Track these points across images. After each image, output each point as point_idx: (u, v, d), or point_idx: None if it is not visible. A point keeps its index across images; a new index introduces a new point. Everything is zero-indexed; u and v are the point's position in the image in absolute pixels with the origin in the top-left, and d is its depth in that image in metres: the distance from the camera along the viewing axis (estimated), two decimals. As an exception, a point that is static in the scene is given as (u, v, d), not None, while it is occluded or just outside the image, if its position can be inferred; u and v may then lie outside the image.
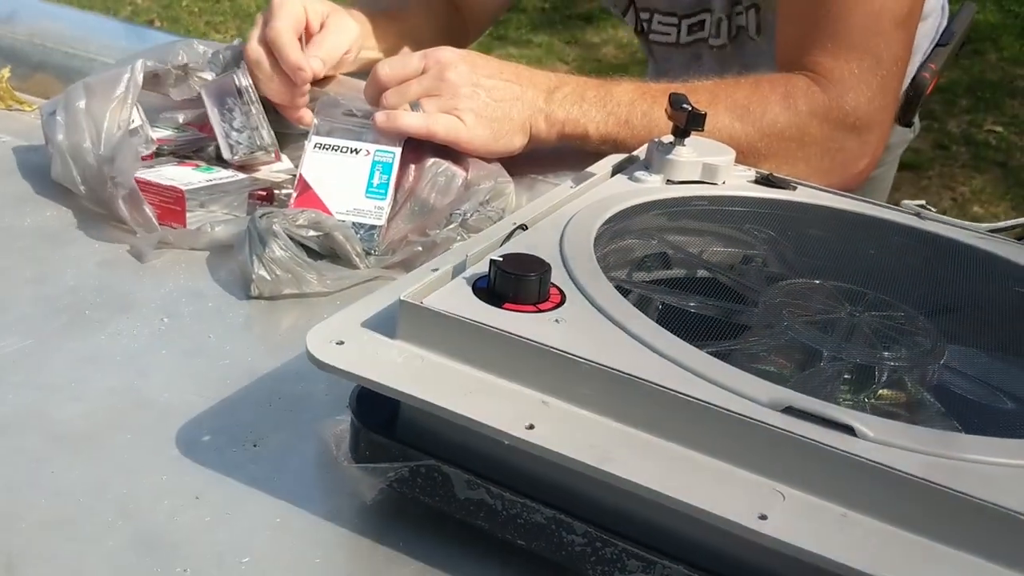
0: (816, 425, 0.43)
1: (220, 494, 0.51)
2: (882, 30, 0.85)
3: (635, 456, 0.43)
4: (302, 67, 0.85)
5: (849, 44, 0.85)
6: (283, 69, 0.85)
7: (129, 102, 0.75)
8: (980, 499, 0.40)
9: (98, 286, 0.69)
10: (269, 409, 0.58)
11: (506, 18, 4.25)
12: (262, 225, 0.67)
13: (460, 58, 0.82)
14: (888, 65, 0.85)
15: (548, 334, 0.47)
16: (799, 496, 0.42)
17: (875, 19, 0.85)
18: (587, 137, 0.84)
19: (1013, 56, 3.98)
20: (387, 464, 0.48)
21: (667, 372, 0.46)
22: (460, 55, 0.82)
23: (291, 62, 0.85)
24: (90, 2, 4.40)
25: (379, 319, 0.50)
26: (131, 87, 0.76)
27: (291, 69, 0.85)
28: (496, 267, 0.50)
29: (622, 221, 0.64)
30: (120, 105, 0.75)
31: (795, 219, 0.69)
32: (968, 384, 0.54)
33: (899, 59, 0.87)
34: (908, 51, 0.89)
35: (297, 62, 0.85)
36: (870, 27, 0.85)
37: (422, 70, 0.82)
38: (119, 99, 0.75)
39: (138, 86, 0.76)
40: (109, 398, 0.58)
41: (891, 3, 0.85)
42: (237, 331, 0.65)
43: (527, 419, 0.44)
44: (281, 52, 0.85)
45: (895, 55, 0.86)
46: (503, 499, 0.46)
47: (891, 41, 0.85)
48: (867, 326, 0.56)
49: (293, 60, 0.85)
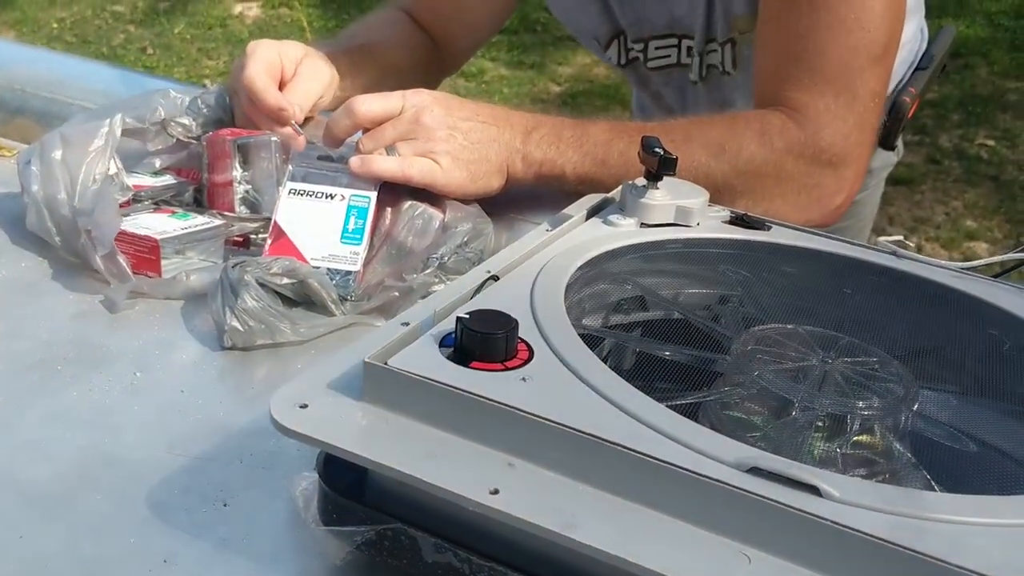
0: (781, 485, 0.43)
1: (189, 557, 0.51)
2: (859, 66, 0.85)
3: (600, 520, 0.43)
4: (283, 107, 0.86)
5: (826, 79, 0.85)
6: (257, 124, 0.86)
7: (107, 155, 0.75)
8: (945, 562, 0.39)
9: (72, 339, 0.68)
10: (240, 466, 0.57)
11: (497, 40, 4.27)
12: (234, 275, 0.67)
13: (435, 101, 0.82)
14: (865, 101, 0.86)
15: (513, 394, 0.47)
16: (765, 558, 0.42)
17: (852, 55, 0.85)
18: (564, 177, 0.84)
19: (1003, 70, 3.99)
20: (354, 527, 0.48)
21: (632, 432, 0.45)
22: (435, 98, 0.82)
23: (270, 105, 0.86)
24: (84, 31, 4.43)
25: (345, 379, 0.50)
26: (109, 141, 0.76)
27: (272, 112, 0.86)
28: (462, 325, 0.50)
29: (596, 267, 0.64)
30: (97, 158, 0.75)
31: (770, 260, 0.69)
32: (941, 431, 0.54)
33: (876, 94, 0.87)
34: (885, 87, 0.89)
35: (277, 103, 0.86)
36: (848, 63, 0.85)
37: (400, 111, 0.82)
38: (96, 152, 0.75)
39: (116, 140, 0.76)
40: (79, 457, 0.57)
41: (868, 39, 0.85)
42: (210, 384, 0.65)
43: (491, 483, 0.44)
44: (258, 97, 0.86)
45: (872, 90, 0.86)
46: (470, 563, 0.46)
47: (868, 77, 0.86)
48: (839, 373, 0.56)
49: (272, 103, 0.86)
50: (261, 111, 0.87)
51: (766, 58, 0.90)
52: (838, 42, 0.85)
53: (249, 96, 0.87)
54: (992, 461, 0.53)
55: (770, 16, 0.89)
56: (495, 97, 3.91)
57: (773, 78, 0.88)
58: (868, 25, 0.84)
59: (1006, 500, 0.44)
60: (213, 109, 0.89)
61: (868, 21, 0.84)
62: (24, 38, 4.28)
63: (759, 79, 0.91)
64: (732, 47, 1.01)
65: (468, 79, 4.07)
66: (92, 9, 4.64)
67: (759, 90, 0.91)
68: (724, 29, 1.02)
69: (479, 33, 1.21)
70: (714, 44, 1.02)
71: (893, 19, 0.87)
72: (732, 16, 1.00)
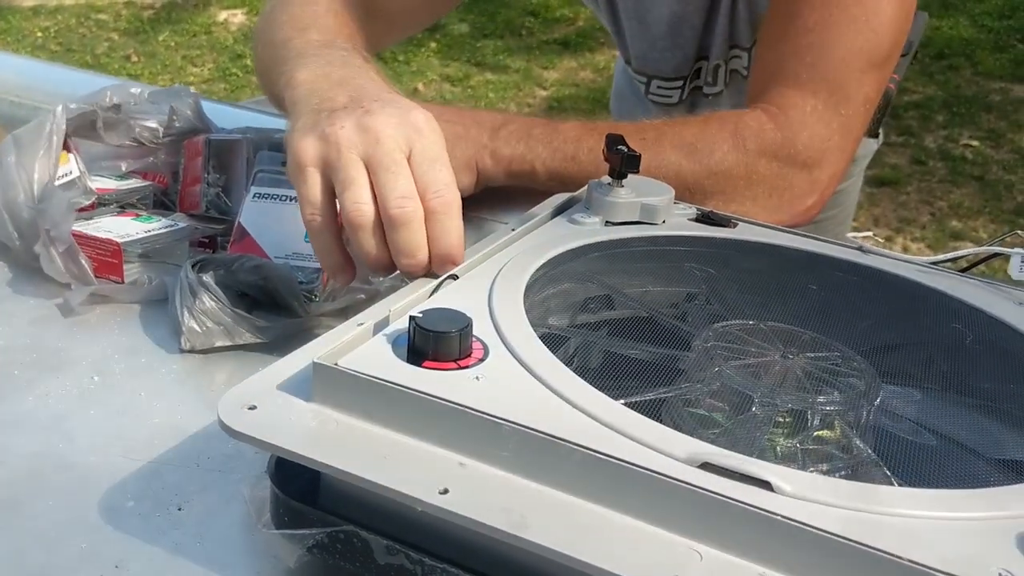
0: (733, 481, 0.42)
1: (140, 562, 0.50)
2: (859, 68, 0.84)
3: (550, 518, 0.42)
4: (456, 260, 0.60)
5: (824, 77, 0.84)
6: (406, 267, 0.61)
7: (54, 148, 0.74)
8: (897, 556, 0.39)
9: (29, 344, 0.67)
10: (196, 470, 0.57)
11: (482, 44, 4.27)
12: (193, 276, 0.66)
13: None
14: (856, 105, 0.84)
15: (465, 393, 0.46)
16: (717, 555, 0.41)
17: (856, 56, 0.83)
18: (535, 174, 0.84)
19: (987, 70, 4.01)
20: (306, 531, 0.47)
21: (583, 429, 0.45)
22: None
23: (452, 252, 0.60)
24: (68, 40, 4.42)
25: (296, 381, 0.49)
26: (55, 132, 0.75)
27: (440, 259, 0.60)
28: (415, 324, 0.49)
29: (558, 266, 0.64)
30: (47, 153, 0.74)
31: (735, 257, 0.68)
32: (901, 426, 0.53)
33: (869, 100, 0.86)
34: (878, 95, 0.87)
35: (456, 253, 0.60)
36: (849, 63, 0.84)
37: None
38: (44, 147, 0.74)
39: (62, 131, 0.75)
40: (31, 463, 0.56)
41: (874, 43, 0.83)
42: (169, 388, 0.64)
43: (442, 483, 0.43)
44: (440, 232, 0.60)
45: (865, 96, 0.85)
46: (423, 564, 0.45)
47: (865, 81, 0.84)
48: (801, 369, 0.55)
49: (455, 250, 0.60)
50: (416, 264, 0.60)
51: (769, 50, 0.89)
52: (844, 41, 0.83)
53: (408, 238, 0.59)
54: (954, 456, 0.53)
55: (781, 8, 0.87)
56: (481, 102, 3.91)
57: (770, 71, 0.87)
58: (878, 28, 0.83)
59: (960, 494, 0.43)
60: (189, 120, 0.87)
61: (878, 24, 0.83)
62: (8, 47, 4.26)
63: (757, 71, 0.90)
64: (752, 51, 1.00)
65: (454, 84, 4.07)
66: (76, 18, 4.63)
67: (753, 83, 0.90)
68: (749, 34, 1.01)
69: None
70: (737, 50, 1.01)
71: (900, 27, 0.85)
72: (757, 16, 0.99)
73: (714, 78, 1.06)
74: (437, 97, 3.93)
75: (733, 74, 1.05)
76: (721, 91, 1.06)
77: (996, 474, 0.50)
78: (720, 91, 1.06)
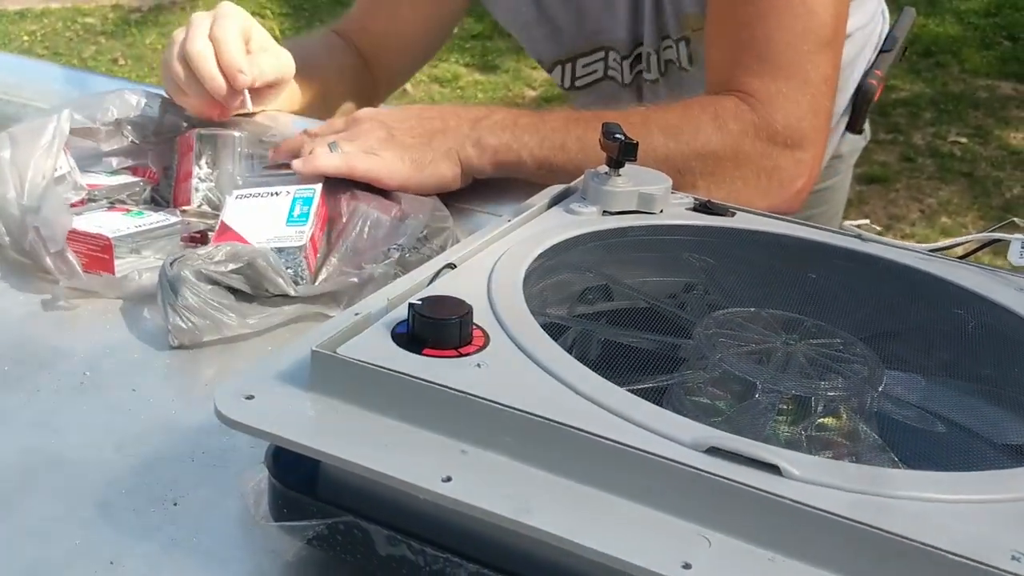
0: (741, 465, 0.42)
1: (136, 557, 0.49)
2: (808, 50, 0.85)
3: (555, 505, 0.41)
4: (242, 69, 0.83)
5: (776, 65, 0.84)
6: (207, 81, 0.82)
7: (54, 151, 0.73)
8: (908, 538, 0.38)
9: (20, 341, 0.66)
10: (191, 464, 0.56)
11: (471, 45, 4.27)
12: (172, 272, 0.65)
13: (377, 111, 0.83)
14: (817, 84, 0.85)
15: (467, 380, 0.45)
16: (725, 541, 0.40)
17: (801, 39, 0.84)
18: (522, 163, 0.83)
19: (974, 67, 4.02)
20: (305, 522, 0.46)
21: (589, 415, 0.44)
22: (377, 110, 0.83)
23: (233, 63, 0.82)
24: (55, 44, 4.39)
25: (293, 370, 0.48)
26: (57, 136, 0.74)
27: (230, 70, 0.82)
28: (414, 311, 0.49)
29: (557, 255, 0.63)
30: (45, 155, 0.73)
31: (734, 246, 0.68)
32: (906, 411, 0.53)
33: (828, 79, 0.86)
34: (836, 71, 0.88)
35: (239, 64, 0.82)
36: (796, 47, 0.84)
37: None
38: (44, 148, 0.73)
39: (64, 135, 0.74)
40: (23, 459, 0.55)
41: (815, 24, 0.84)
42: (162, 382, 0.63)
43: (444, 471, 0.43)
44: (222, 49, 0.82)
45: (823, 75, 0.86)
46: (425, 555, 0.44)
47: (819, 61, 0.85)
48: (803, 355, 0.55)
49: (236, 61, 0.82)
50: (208, 72, 0.83)
51: (715, 49, 0.90)
52: (785, 27, 0.84)
53: (215, 47, 0.83)
54: (959, 440, 0.52)
55: (717, 7, 0.88)
56: (470, 103, 3.90)
57: (724, 67, 0.88)
58: (815, 8, 0.84)
59: (968, 476, 0.43)
60: (180, 115, 0.87)
61: (815, 4, 0.84)
62: (-6, 51, 4.23)
63: (710, 70, 0.91)
64: (687, 44, 1.00)
65: (443, 85, 4.06)
66: (63, 21, 4.60)
67: (711, 80, 0.91)
68: (676, 27, 1.01)
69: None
70: (668, 41, 1.01)
71: (840, 3, 0.86)
72: (682, 14, 1.00)
73: (648, 65, 1.06)
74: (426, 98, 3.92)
75: (669, 64, 1.05)
76: (657, 79, 1.06)
77: (1003, 459, 0.50)
78: (656, 79, 1.06)
